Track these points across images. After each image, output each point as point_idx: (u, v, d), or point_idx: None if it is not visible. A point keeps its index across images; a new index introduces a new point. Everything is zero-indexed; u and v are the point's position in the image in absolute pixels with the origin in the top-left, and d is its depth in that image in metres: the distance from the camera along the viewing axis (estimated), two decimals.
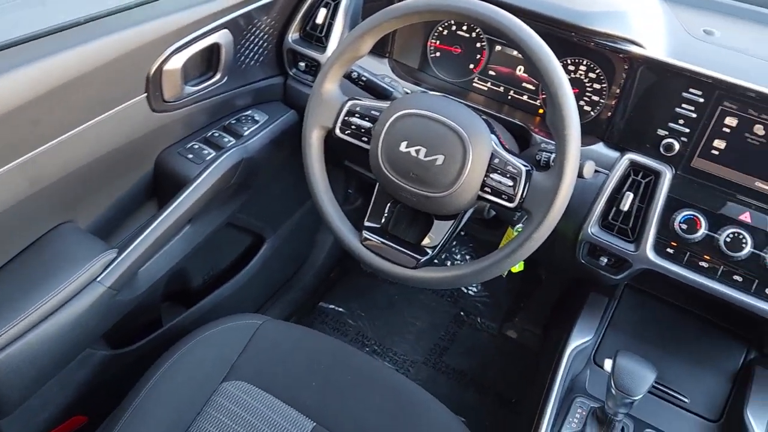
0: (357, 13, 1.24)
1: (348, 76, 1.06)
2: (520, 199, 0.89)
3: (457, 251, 2.02)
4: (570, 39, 1.07)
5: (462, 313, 1.89)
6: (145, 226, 1.06)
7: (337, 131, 1.01)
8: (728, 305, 1.03)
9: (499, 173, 0.90)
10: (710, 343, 1.23)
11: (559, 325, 1.43)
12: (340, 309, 1.87)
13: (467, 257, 2.01)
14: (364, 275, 1.93)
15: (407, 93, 1.10)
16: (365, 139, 0.99)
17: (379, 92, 1.08)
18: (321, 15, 1.25)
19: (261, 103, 1.32)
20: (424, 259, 0.97)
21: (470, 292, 1.95)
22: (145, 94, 1.03)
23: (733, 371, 1.19)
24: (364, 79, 1.07)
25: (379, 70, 1.20)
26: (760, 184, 0.99)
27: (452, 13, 0.89)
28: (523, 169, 0.90)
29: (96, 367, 1.14)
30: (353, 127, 0.99)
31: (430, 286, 0.99)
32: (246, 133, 1.23)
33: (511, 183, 0.90)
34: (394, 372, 1.12)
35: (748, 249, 0.99)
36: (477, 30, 1.19)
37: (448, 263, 1.98)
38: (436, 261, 0.99)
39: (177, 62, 1.05)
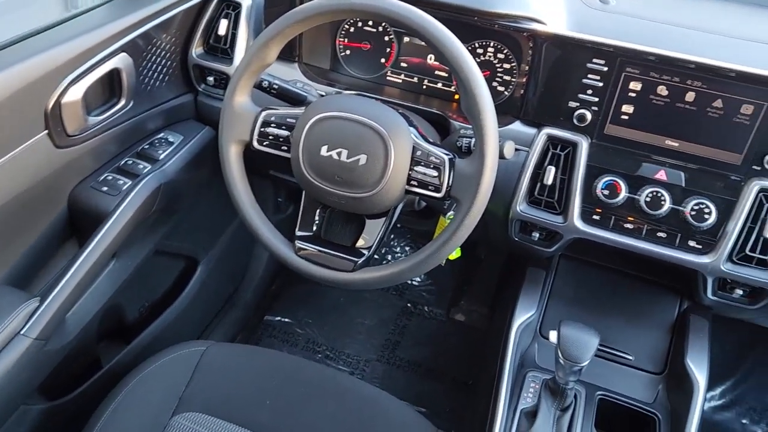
0: (260, 20, 1.22)
1: (259, 86, 1.04)
2: (446, 188, 0.90)
3: (396, 245, 2.02)
4: (474, 23, 1.08)
5: (409, 305, 1.90)
6: (66, 269, 1.00)
7: (255, 144, 0.98)
8: (657, 261, 1.07)
9: (422, 165, 0.90)
10: (646, 299, 1.28)
11: (503, 303, 1.45)
12: (287, 320, 1.84)
13: (407, 249, 2.01)
14: (306, 282, 1.90)
15: (321, 95, 1.09)
16: (285, 148, 0.97)
17: (292, 98, 1.06)
18: (223, 26, 1.21)
19: (173, 124, 1.27)
20: (360, 260, 0.96)
21: (414, 282, 1.95)
22: (46, 131, 0.98)
23: (671, 323, 1.25)
24: (275, 86, 1.05)
25: (290, 75, 1.18)
26: (670, 142, 1.04)
27: (354, 11, 0.88)
28: (446, 158, 0.90)
29: (34, 424, 1.07)
30: (271, 137, 0.97)
31: (370, 287, 0.99)
32: (161, 156, 1.18)
33: (435, 173, 0.90)
34: (347, 376, 1.11)
35: (667, 205, 1.03)
36: (384, 24, 1.19)
37: (389, 257, 1.98)
38: (377, 256, 0.98)
39: (76, 93, 1.00)
